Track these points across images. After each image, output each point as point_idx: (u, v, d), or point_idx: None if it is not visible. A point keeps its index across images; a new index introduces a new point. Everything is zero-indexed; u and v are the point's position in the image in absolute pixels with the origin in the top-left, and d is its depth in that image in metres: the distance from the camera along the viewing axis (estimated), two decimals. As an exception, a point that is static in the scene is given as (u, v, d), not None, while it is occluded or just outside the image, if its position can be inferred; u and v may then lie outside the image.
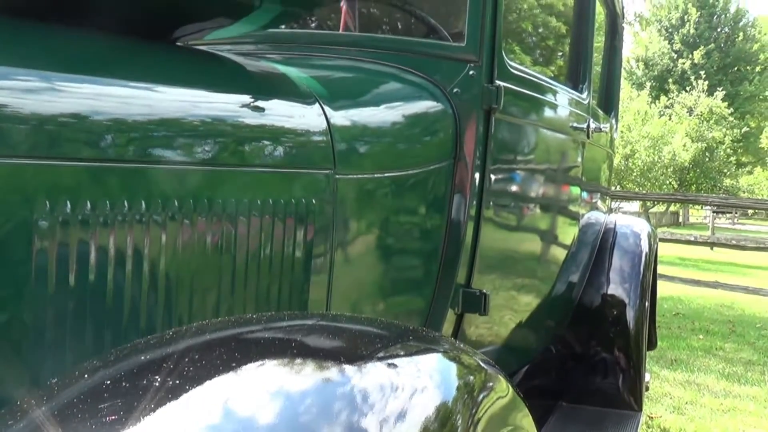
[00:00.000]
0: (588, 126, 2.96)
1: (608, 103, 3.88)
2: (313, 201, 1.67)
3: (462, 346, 1.19)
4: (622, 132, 23.64)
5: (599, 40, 3.73)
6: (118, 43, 1.55)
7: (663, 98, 35.07)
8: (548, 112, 2.60)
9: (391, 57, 2.24)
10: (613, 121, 3.93)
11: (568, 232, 3.15)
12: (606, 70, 3.92)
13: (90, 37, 1.48)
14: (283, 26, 2.27)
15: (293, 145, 1.66)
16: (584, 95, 2.97)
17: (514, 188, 2.45)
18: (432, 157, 2.07)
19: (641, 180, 25.53)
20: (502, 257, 2.53)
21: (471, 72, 2.13)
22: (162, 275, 1.34)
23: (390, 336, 1.13)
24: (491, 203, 2.25)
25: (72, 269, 1.18)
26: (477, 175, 2.14)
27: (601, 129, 3.20)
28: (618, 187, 22.88)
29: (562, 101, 2.74)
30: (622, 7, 3.97)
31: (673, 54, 44.00)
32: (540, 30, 3.12)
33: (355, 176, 1.81)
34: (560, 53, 3.26)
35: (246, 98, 1.65)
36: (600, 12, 3.46)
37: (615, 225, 3.94)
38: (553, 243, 3.00)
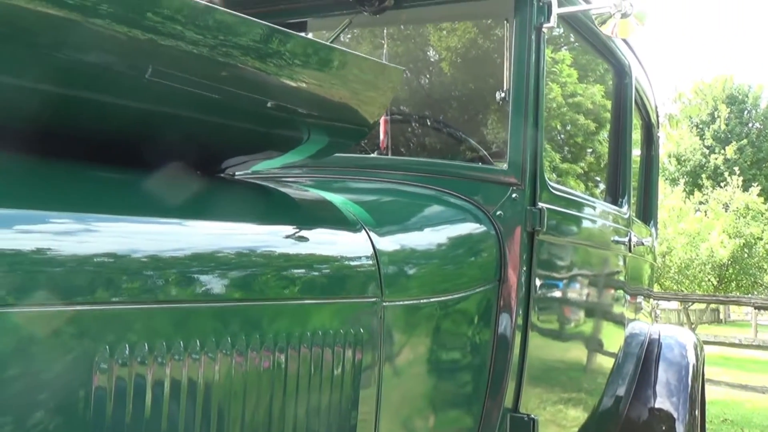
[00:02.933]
0: (629, 239, 2.96)
1: (647, 212, 3.88)
2: (361, 330, 1.67)
3: None
4: (657, 229, 23.47)
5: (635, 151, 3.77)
6: (161, 178, 1.60)
7: (697, 193, 34.89)
8: (590, 230, 2.61)
9: (433, 180, 2.28)
10: (653, 230, 3.92)
11: (613, 346, 3.10)
12: (643, 180, 3.94)
13: (130, 175, 1.53)
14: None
15: (340, 275, 1.69)
16: (624, 209, 2.98)
17: (558, 307, 2.44)
18: (477, 280, 2.08)
19: (679, 277, 25.12)
20: (550, 375, 2.50)
21: (514, 195, 2.16)
22: (215, 407, 1.35)
23: None
24: (537, 323, 2.24)
25: (129, 408, 1.20)
26: (522, 297, 2.14)
27: (642, 242, 3.19)
28: (656, 285, 22.53)
29: (604, 217, 2.75)
30: (657, 118, 4.02)
31: (705, 150, 44.05)
32: (579, 143, 3.17)
33: (402, 303, 1.82)
34: (600, 167, 3.30)
35: (292, 229, 1.68)
36: (636, 124, 3.52)
37: (659, 336, 3.87)
38: (598, 357, 2.95)
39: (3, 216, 1.13)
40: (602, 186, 3.27)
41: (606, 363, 3.05)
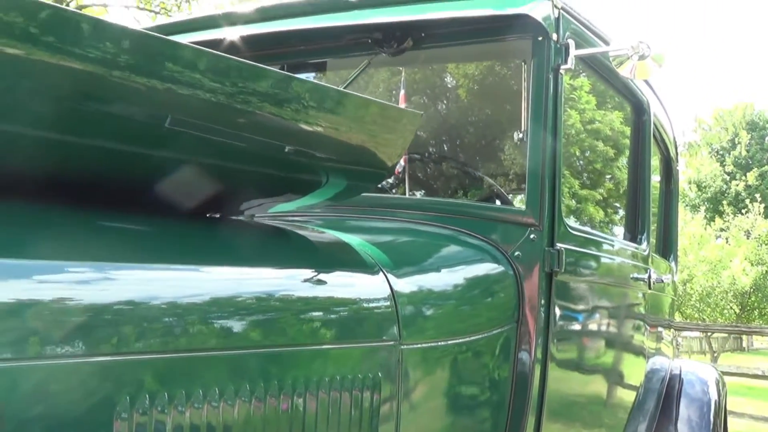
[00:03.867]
0: (649, 276, 2.95)
1: (667, 246, 3.86)
2: (379, 374, 1.67)
3: None
4: (678, 257, 23.27)
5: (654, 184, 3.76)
6: (179, 223, 1.62)
7: (718, 220, 34.60)
8: (609, 269, 2.60)
9: (450, 219, 2.29)
10: (673, 264, 3.89)
11: (633, 382, 3.08)
12: (663, 214, 3.92)
13: (148, 220, 1.55)
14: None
15: (358, 318, 1.69)
16: (643, 246, 2.97)
17: (578, 347, 2.43)
18: (496, 321, 2.08)
19: (701, 305, 24.85)
20: (570, 414, 2.48)
21: (532, 236, 2.16)
22: None
23: None
24: (556, 363, 2.23)
25: None
26: (540, 337, 2.13)
27: (662, 280, 3.17)
28: (677, 313, 22.29)
29: (622, 255, 2.74)
30: (676, 151, 4.01)
31: (725, 176, 43.79)
32: (598, 170, 3.17)
33: (420, 345, 1.82)
34: (619, 193, 3.29)
35: (310, 273, 1.69)
36: (654, 155, 3.51)
37: (681, 371, 3.83)
38: (619, 395, 2.93)
39: (22, 266, 1.15)
40: (621, 212, 3.27)
41: (626, 400, 3.02)
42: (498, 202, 2.52)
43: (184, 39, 2.51)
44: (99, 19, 1.18)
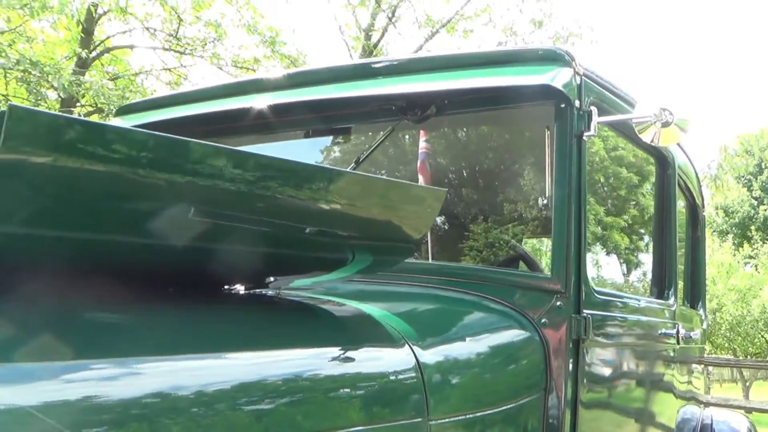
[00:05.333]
0: (677, 332, 2.92)
1: (695, 293, 3.83)
2: (408, 453, 1.68)
3: None
4: (707, 285, 22.96)
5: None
6: (202, 308, 1.64)
7: (746, 246, 34.12)
8: (636, 330, 2.59)
9: (475, 285, 2.29)
10: (702, 311, 3.86)
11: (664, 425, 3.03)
12: (690, 261, 3.89)
13: (168, 306, 1.57)
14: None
15: (385, 396, 1.69)
16: (671, 301, 2.95)
17: (606, 413, 2.41)
18: (523, 391, 2.07)
19: (731, 335, 24.43)
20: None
21: (558, 303, 2.16)
22: None
23: None
24: (585, 429, 2.21)
25: None
26: (569, 405, 2.12)
27: (690, 336, 3.14)
28: (707, 343, 21.91)
29: (650, 314, 2.73)
30: (702, 198, 3.99)
31: (753, 201, 43.25)
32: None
33: (448, 420, 1.82)
34: (645, 259, 3.28)
35: (336, 351, 1.70)
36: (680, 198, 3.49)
37: (712, 421, 3.78)
38: None
39: (48, 368, 1.17)
40: (647, 268, 3.24)
41: None
42: (524, 266, 2.53)
43: (214, 106, 2.56)
44: (128, 129, 1.23)
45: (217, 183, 1.30)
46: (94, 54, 11.89)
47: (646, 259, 3.27)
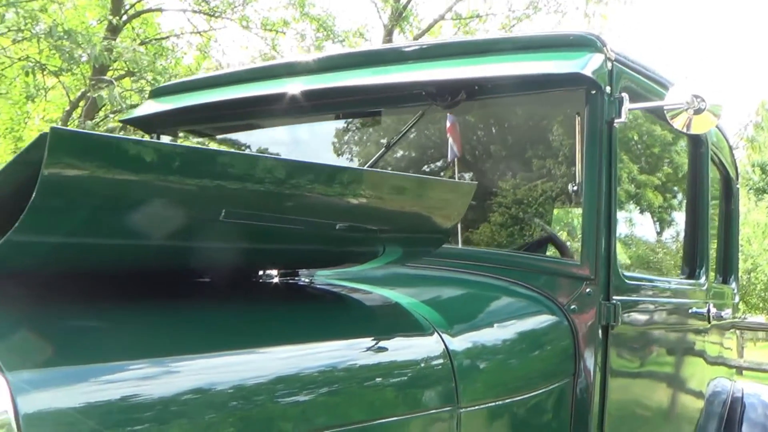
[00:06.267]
0: (708, 311, 2.93)
1: (727, 268, 3.81)
2: (439, 441, 1.72)
3: None
4: (741, 245, 22.69)
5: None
6: (234, 304, 1.69)
7: (784, 204, 33.55)
8: (666, 313, 2.60)
9: (504, 271, 2.31)
10: (734, 285, 3.84)
11: (693, 412, 3.06)
12: (722, 235, 3.86)
13: (206, 306, 1.62)
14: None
15: (416, 386, 1.72)
16: (702, 280, 2.94)
17: (635, 396, 2.44)
18: (552, 376, 2.10)
19: (765, 294, 24.21)
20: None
21: (588, 289, 2.17)
22: None
23: None
24: (613, 415, 2.24)
25: None
26: (597, 390, 2.15)
27: (722, 315, 3.14)
28: (742, 303, 21.77)
29: (681, 296, 2.73)
30: (736, 170, 3.94)
31: (792, 157, 42.34)
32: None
33: (478, 407, 1.85)
34: (677, 238, 3.27)
35: (369, 341, 1.74)
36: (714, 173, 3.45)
37: (743, 394, 3.78)
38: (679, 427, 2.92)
39: (86, 370, 1.22)
40: (679, 247, 3.22)
41: (688, 428, 3.00)
42: (554, 251, 2.54)
43: (246, 90, 2.59)
44: (178, 146, 1.28)
45: (257, 187, 1.35)
46: (125, 18, 11.93)
47: (678, 236, 3.26)
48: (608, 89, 2.17)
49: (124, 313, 1.43)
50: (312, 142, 2.92)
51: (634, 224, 2.99)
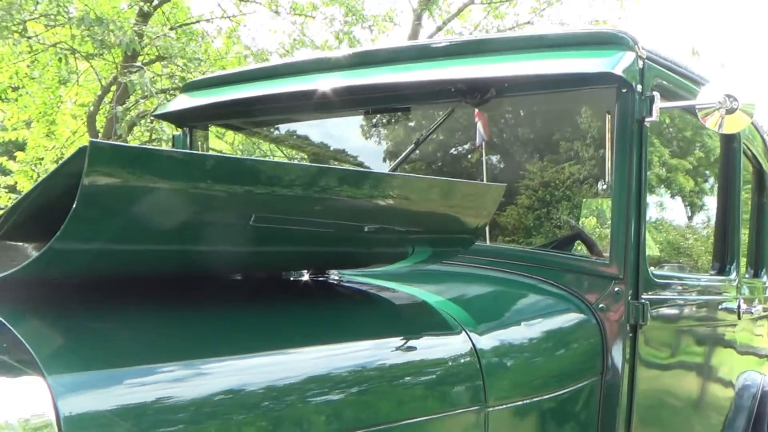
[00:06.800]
0: (738, 307, 2.91)
1: (758, 262, 3.77)
2: (467, 440, 1.74)
3: None
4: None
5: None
6: (264, 305, 1.72)
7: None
8: (695, 310, 2.59)
9: (533, 269, 2.32)
10: (765, 279, 3.80)
11: (722, 409, 3.05)
12: (755, 228, 3.82)
13: (234, 306, 1.65)
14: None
15: (444, 386, 1.74)
16: (732, 275, 2.93)
17: (663, 395, 2.43)
18: (580, 375, 2.11)
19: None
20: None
21: (616, 288, 2.18)
22: None
23: None
24: (641, 414, 2.24)
25: None
26: (625, 393, 2.15)
27: (752, 311, 3.12)
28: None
29: (711, 293, 2.72)
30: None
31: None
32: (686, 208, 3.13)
33: (506, 406, 1.87)
34: (707, 233, 3.24)
35: (398, 341, 1.76)
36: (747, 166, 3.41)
37: (773, 388, 3.75)
38: (708, 422, 2.91)
39: (123, 372, 1.26)
40: (709, 243, 3.20)
41: (716, 423, 3.00)
42: (583, 249, 2.54)
43: (277, 86, 2.62)
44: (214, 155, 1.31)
45: (286, 192, 1.39)
46: (156, 2, 11.98)
47: (709, 229, 3.23)
48: (639, 88, 2.15)
49: (158, 317, 1.47)
50: (342, 137, 2.95)
51: (664, 218, 2.98)
